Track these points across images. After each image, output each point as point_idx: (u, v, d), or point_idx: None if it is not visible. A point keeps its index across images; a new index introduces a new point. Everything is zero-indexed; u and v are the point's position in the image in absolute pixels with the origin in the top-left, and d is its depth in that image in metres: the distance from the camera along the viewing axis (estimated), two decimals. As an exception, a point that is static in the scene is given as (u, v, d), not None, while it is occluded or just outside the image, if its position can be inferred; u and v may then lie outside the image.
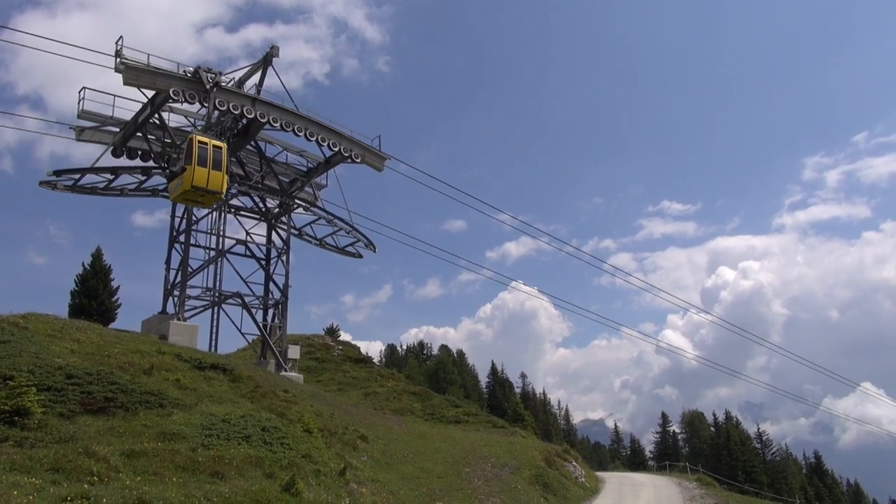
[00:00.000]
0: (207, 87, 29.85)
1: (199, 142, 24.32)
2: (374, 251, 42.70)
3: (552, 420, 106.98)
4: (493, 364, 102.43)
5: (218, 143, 25.10)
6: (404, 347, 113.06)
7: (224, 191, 25.31)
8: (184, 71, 30.06)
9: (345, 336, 77.91)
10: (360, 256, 43.67)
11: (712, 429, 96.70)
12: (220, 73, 30.86)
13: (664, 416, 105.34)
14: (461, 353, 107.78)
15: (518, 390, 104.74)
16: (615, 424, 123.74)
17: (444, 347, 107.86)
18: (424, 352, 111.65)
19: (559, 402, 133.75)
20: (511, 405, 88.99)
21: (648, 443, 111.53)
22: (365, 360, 57.48)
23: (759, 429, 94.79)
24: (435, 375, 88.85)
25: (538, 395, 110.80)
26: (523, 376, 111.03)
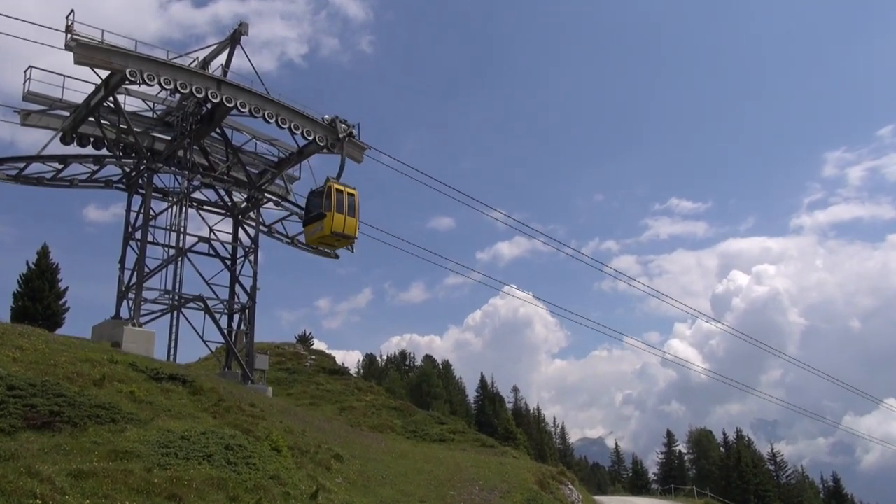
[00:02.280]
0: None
1: (337, 189, 28.07)
2: (352, 251, 42.53)
3: (547, 439, 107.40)
4: (482, 377, 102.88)
5: (351, 189, 28.75)
6: (384, 358, 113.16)
7: (356, 235, 29.08)
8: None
9: (319, 345, 77.87)
10: (337, 257, 43.51)
11: (722, 449, 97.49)
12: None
13: (669, 435, 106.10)
14: (447, 365, 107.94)
15: (510, 406, 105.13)
16: (616, 443, 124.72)
17: (428, 358, 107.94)
18: (407, 363, 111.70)
19: (555, 418, 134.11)
20: (502, 422, 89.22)
21: (652, 464, 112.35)
22: (341, 372, 57.38)
23: (772, 449, 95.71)
24: (418, 389, 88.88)
25: (531, 412, 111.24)
26: (515, 390, 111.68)
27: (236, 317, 37.30)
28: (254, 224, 38.18)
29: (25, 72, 31.43)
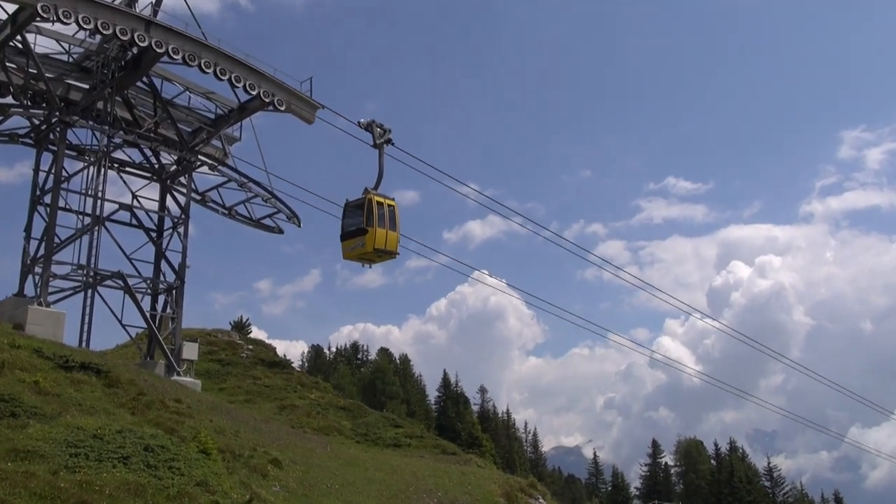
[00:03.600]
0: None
1: (378, 202, 29.15)
2: (299, 225, 42.60)
3: (516, 446, 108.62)
4: (445, 374, 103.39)
5: (391, 200, 29.97)
6: (333, 350, 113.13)
7: (398, 251, 30.39)
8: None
9: (257, 333, 77.73)
10: (281, 232, 43.50)
11: (713, 461, 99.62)
12: None
13: (655, 445, 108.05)
14: (406, 360, 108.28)
15: (475, 408, 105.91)
16: (594, 453, 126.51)
17: (384, 351, 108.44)
18: (359, 356, 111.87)
19: (526, 423, 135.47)
20: (466, 426, 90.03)
21: (635, 477, 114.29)
22: (282, 365, 57.36)
23: (769, 463, 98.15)
24: (371, 386, 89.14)
25: (500, 415, 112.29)
26: (483, 391, 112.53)
27: (161, 298, 37.03)
28: (184, 191, 37.84)
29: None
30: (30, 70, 32.83)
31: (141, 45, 31.37)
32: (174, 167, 38.00)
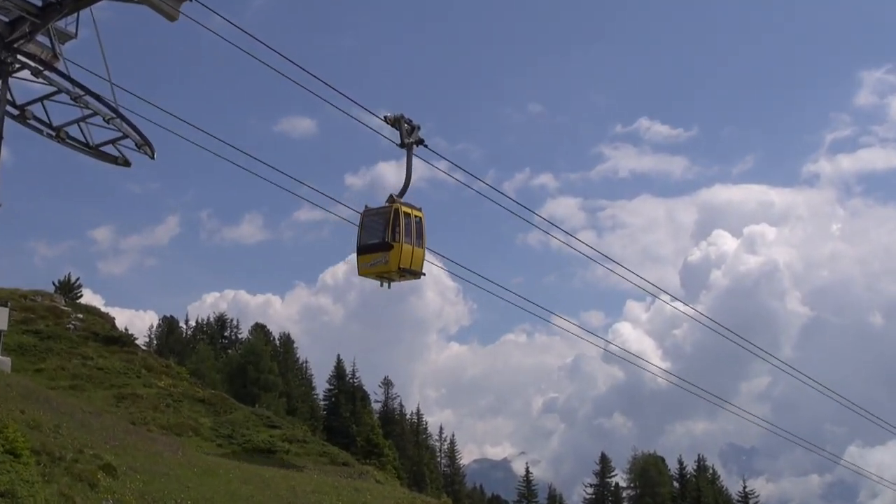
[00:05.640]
0: None
1: (405, 213, 31.07)
2: (153, 157, 41.72)
3: (428, 457, 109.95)
4: (339, 361, 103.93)
5: (418, 211, 31.85)
6: (192, 324, 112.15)
7: (423, 271, 32.43)
8: None
9: (91, 298, 76.48)
10: (128, 164, 42.58)
11: (675, 483, 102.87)
12: None
13: (605, 460, 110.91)
14: (288, 340, 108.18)
15: (377, 406, 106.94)
16: (527, 468, 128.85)
17: (260, 329, 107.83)
18: (226, 334, 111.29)
19: (442, 429, 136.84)
20: (364, 429, 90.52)
21: (578, 500, 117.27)
22: (123, 341, 56.87)
23: (745, 486, 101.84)
24: (241, 374, 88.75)
25: (409, 417, 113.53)
26: (387, 384, 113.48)
27: (-40, 245, 35.88)
28: (-4, 101, 36.64)
29: None
30: None
31: None
32: (-17, 69, 36.66)
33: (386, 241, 31.41)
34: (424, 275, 33.35)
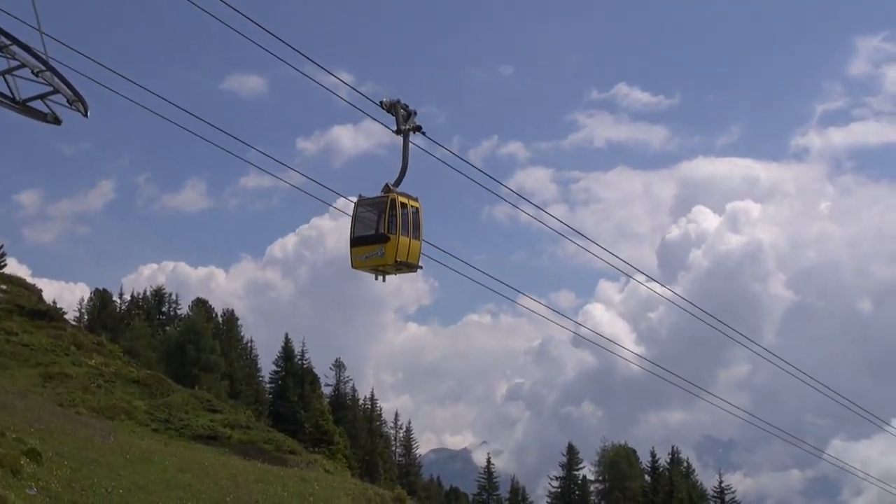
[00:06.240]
0: None
1: (401, 203, 30.70)
2: (87, 115, 41.05)
3: (382, 445, 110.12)
4: (287, 341, 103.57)
5: (414, 201, 31.66)
6: (127, 298, 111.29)
7: (420, 264, 31.89)
8: None
9: (15, 268, 75.73)
10: (59, 122, 41.79)
11: (647, 477, 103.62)
12: None
13: (572, 451, 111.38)
14: (232, 318, 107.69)
15: (328, 390, 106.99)
16: (489, 459, 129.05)
17: (201, 304, 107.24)
18: (165, 309, 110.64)
19: (398, 415, 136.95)
20: (312, 415, 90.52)
21: (542, 493, 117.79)
22: (50, 316, 56.94)
23: (721, 481, 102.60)
24: (179, 353, 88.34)
25: (362, 402, 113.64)
26: (339, 367, 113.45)
27: None
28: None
29: None
30: None
31: None
32: None
33: (382, 233, 31.10)
34: (422, 268, 32.63)
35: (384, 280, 37.25)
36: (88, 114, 41.50)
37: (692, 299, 38.45)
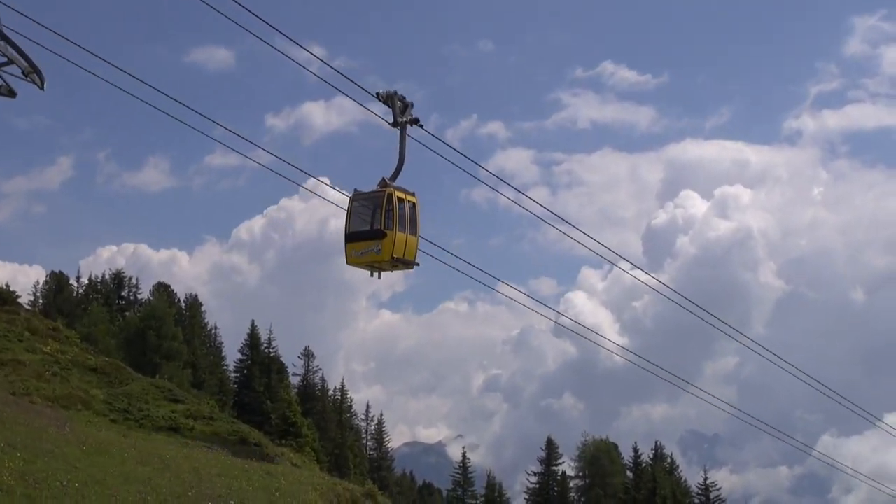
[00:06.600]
0: None
1: (398, 198, 30.90)
2: (43, 87, 40.95)
3: (352, 438, 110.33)
4: (253, 328, 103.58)
5: (411, 195, 31.86)
6: (85, 282, 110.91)
7: (417, 261, 32.27)
8: None
9: (-34, 250, 74.70)
10: (14, 95, 41.82)
11: (629, 473, 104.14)
12: None
13: (551, 446, 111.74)
14: (195, 303, 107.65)
15: (295, 380, 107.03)
16: (464, 453, 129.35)
17: (162, 289, 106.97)
18: (124, 293, 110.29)
19: (369, 407, 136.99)
20: (279, 406, 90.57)
21: (520, 490, 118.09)
22: (3, 299, 58.18)
23: (706, 477, 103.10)
24: (139, 340, 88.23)
25: (332, 393, 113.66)
26: (308, 356, 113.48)
27: None
28: None
29: None
30: None
31: None
32: None
33: (379, 229, 31.55)
34: (419, 265, 33.04)
35: (379, 276, 37.38)
36: (45, 86, 41.31)
37: (678, 288, 38.56)
